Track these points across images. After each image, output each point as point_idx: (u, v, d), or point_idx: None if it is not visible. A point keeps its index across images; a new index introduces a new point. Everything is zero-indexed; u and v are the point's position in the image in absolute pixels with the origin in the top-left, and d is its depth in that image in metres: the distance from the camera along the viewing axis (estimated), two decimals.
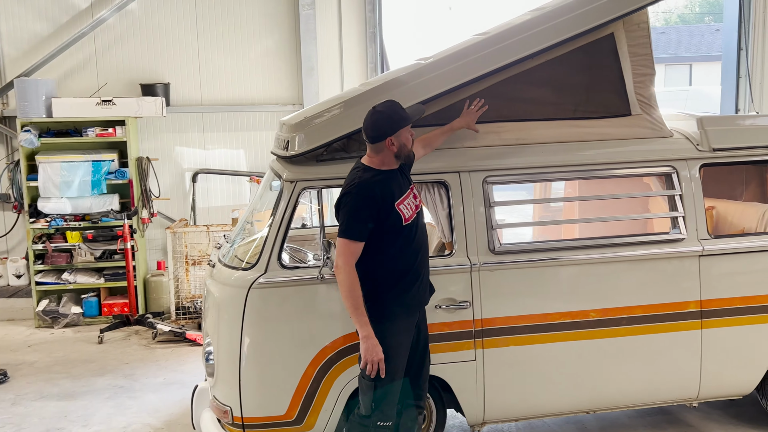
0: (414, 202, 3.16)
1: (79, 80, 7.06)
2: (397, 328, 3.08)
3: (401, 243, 3.07)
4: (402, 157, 3.10)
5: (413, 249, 3.12)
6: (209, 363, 3.52)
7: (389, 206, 3.02)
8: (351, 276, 2.96)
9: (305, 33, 7.13)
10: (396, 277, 3.08)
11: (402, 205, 3.06)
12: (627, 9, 3.55)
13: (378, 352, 2.95)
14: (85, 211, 6.69)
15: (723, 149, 3.75)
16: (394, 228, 3.04)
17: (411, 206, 3.12)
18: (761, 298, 3.68)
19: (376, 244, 3.03)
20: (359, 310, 2.96)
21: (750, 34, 7.93)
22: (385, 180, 3.06)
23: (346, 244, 2.97)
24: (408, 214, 3.08)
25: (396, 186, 3.08)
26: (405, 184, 3.16)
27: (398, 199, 3.06)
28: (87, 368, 5.44)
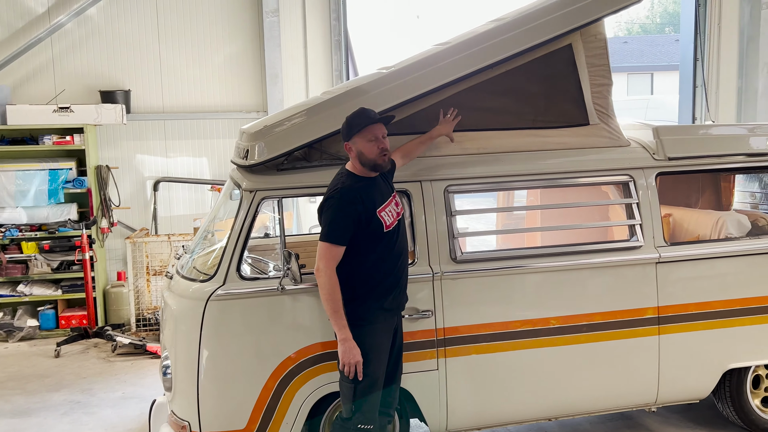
0: (395, 209, 3.18)
1: (36, 87, 6.89)
2: (376, 330, 3.11)
3: (382, 249, 3.10)
4: (369, 165, 3.08)
5: (394, 255, 3.15)
6: (167, 377, 3.44)
7: (370, 213, 3.04)
8: (331, 279, 2.98)
9: (269, 40, 7.08)
10: (376, 281, 3.11)
11: (383, 212, 3.09)
12: (584, 20, 3.61)
13: (356, 354, 2.99)
14: (41, 221, 6.52)
15: (678, 158, 3.82)
16: (375, 234, 3.06)
17: (392, 213, 3.14)
18: (716, 304, 3.76)
19: (357, 249, 3.05)
20: (338, 314, 2.99)
21: (705, 45, 8.17)
22: (367, 187, 3.08)
23: (327, 247, 3.00)
24: (389, 221, 3.11)
25: (378, 193, 3.11)
26: (387, 191, 3.19)
27: (380, 206, 3.09)
28: (42, 383, 5.27)
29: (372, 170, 3.11)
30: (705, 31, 8.17)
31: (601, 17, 3.67)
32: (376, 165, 3.09)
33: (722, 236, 4.10)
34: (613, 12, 3.67)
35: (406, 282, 3.26)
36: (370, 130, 3.07)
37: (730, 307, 3.77)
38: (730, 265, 3.80)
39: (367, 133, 3.06)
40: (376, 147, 3.07)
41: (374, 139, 3.07)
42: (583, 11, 3.60)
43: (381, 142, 3.09)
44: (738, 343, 3.81)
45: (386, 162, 3.12)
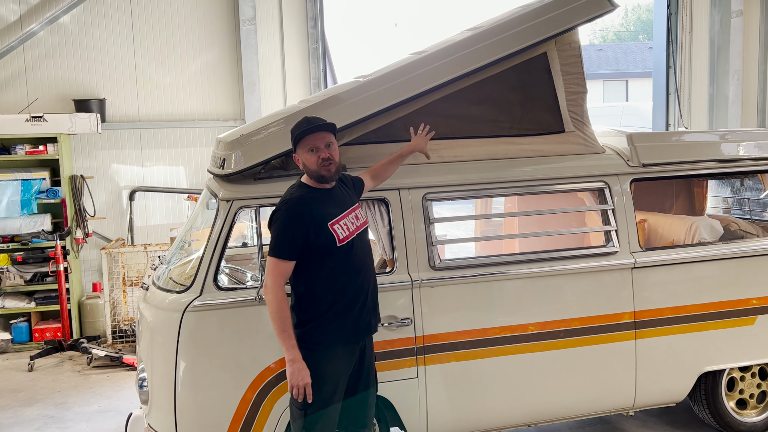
0: (355, 222, 3.02)
1: (8, 96, 6.78)
2: (331, 355, 2.95)
3: (335, 264, 2.93)
4: (314, 177, 2.94)
5: (351, 271, 2.97)
6: (143, 390, 3.39)
7: (320, 225, 2.89)
8: (278, 296, 2.84)
9: (246, 48, 7.06)
10: (330, 301, 2.93)
11: (337, 225, 2.93)
12: (558, 29, 3.66)
13: (304, 376, 2.84)
14: (14, 232, 6.40)
15: (652, 164, 3.88)
16: (326, 248, 2.90)
17: (349, 226, 2.98)
18: (691, 308, 3.81)
19: (309, 264, 2.91)
20: (286, 333, 2.84)
21: (677, 54, 8.33)
22: (319, 198, 2.95)
23: (274, 263, 2.86)
24: (343, 234, 2.94)
25: (332, 205, 2.97)
26: (346, 202, 3.04)
27: (333, 218, 2.93)
28: (15, 398, 5.16)
29: (318, 182, 2.96)
30: (677, 40, 8.33)
31: (575, 26, 3.72)
32: (320, 176, 2.93)
33: (696, 241, 4.17)
34: (587, 21, 3.71)
35: (372, 301, 3.06)
36: (308, 140, 2.93)
37: (704, 311, 3.82)
38: (704, 270, 3.86)
39: (306, 144, 2.93)
40: (317, 157, 2.92)
41: (314, 149, 2.92)
42: (557, 20, 3.65)
43: (322, 151, 2.92)
44: (713, 347, 3.87)
45: (332, 173, 2.94)
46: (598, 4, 3.69)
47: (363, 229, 3.08)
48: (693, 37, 8.35)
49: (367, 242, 3.11)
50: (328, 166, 2.92)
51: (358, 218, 3.06)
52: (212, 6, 7.14)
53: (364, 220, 3.11)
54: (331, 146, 2.96)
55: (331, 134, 2.98)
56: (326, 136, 2.95)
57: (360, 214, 3.09)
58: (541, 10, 3.66)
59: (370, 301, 3.05)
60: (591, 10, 3.69)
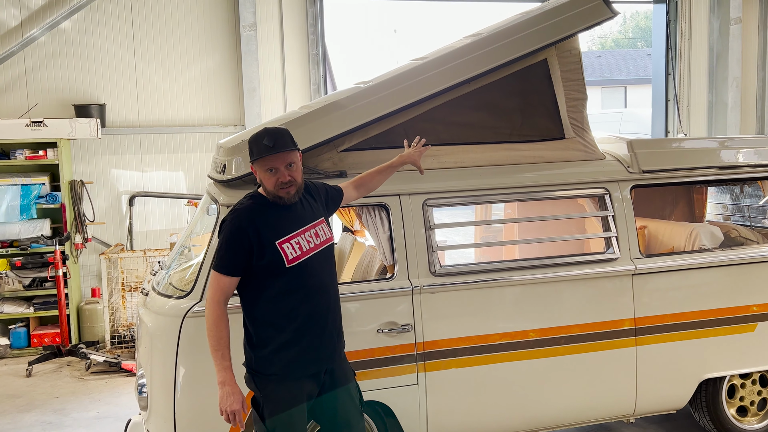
0: (313, 239, 2.75)
1: (8, 101, 6.78)
2: (286, 384, 2.71)
3: (283, 286, 2.67)
4: (270, 196, 2.70)
5: (303, 294, 2.70)
6: (142, 395, 3.37)
7: (266, 243, 2.64)
8: (215, 312, 2.62)
9: (246, 54, 7.07)
10: (280, 327, 2.69)
11: (287, 244, 2.67)
12: (558, 36, 3.67)
13: (233, 402, 2.61)
14: (13, 237, 6.38)
15: (652, 171, 3.88)
16: (273, 268, 2.65)
17: (303, 245, 2.71)
18: (691, 315, 3.81)
19: (255, 284, 2.69)
20: (219, 352, 2.61)
21: (676, 60, 8.35)
22: (270, 212, 2.70)
23: (214, 276, 2.66)
24: (293, 253, 2.67)
25: (286, 220, 2.72)
26: (304, 218, 2.78)
27: (285, 235, 2.68)
28: (13, 404, 5.14)
29: (276, 202, 2.73)
30: (676, 47, 8.36)
31: (576, 33, 3.73)
32: (277, 197, 2.69)
33: (696, 248, 4.16)
34: (587, 28, 3.73)
35: (332, 326, 2.80)
36: (267, 161, 2.67)
37: (705, 317, 3.82)
38: (705, 276, 3.85)
39: (265, 163, 2.67)
40: (275, 179, 2.68)
41: (273, 169, 2.67)
42: (558, 27, 3.66)
43: (281, 174, 2.67)
44: (713, 354, 3.86)
45: (291, 195, 2.70)
46: (598, 11, 3.71)
47: (324, 247, 2.80)
48: (692, 44, 8.38)
49: (330, 261, 2.86)
50: (287, 188, 2.69)
51: (317, 235, 2.79)
52: (213, 12, 7.16)
53: (327, 237, 2.83)
54: (293, 166, 2.71)
55: (295, 152, 2.73)
56: (288, 156, 2.69)
57: (322, 230, 2.83)
58: (541, 17, 3.67)
59: (330, 325, 2.79)
60: (591, 17, 3.71)
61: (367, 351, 3.39)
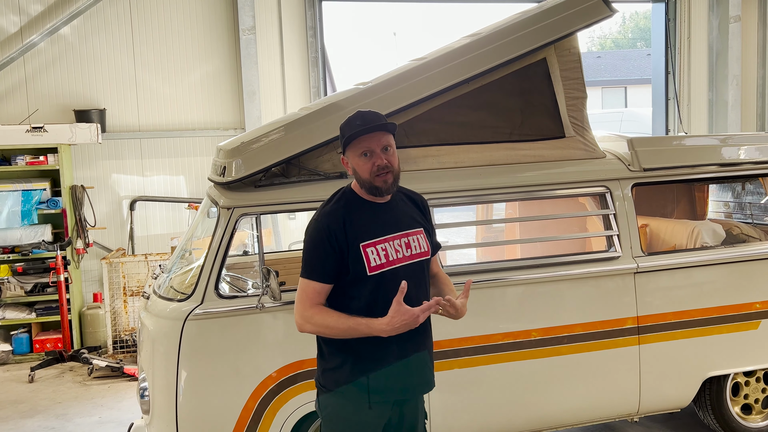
0: (402, 250, 2.41)
1: (8, 107, 6.79)
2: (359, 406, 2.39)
3: (364, 297, 2.36)
4: (365, 187, 2.39)
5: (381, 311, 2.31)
6: (144, 399, 3.37)
7: (351, 244, 2.34)
8: (317, 322, 2.31)
9: (246, 57, 7.07)
10: (358, 346, 2.35)
11: (372, 248, 2.36)
12: (557, 35, 3.66)
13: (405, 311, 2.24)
14: (14, 243, 6.38)
15: (653, 169, 3.87)
16: (355, 274, 2.35)
17: (390, 253, 2.38)
18: (694, 312, 3.80)
19: (340, 292, 2.39)
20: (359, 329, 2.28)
21: (676, 59, 8.35)
22: (362, 210, 2.41)
23: (302, 284, 2.36)
24: (377, 261, 2.35)
25: (377, 221, 2.41)
26: (399, 223, 2.45)
27: (370, 238, 2.37)
28: (15, 409, 5.13)
29: (372, 194, 2.40)
30: (675, 46, 8.36)
31: (575, 31, 3.72)
32: (374, 188, 2.37)
33: (698, 245, 4.15)
34: (586, 26, 3.72)
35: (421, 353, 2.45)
36: (362, 142, 2.35)
37: (707, 315, 3.81)
38: (707, 274, 3.84)
39: (359, 146, 2.36)
40: (371, 164, 2.35)
41: (368, 152, 2.36)
42: (557, 26, 3.65)
43: (378, 157, 2.35)
44: (717, 352, 3.85)
45: (389, 184, 2.38)
46: (596, 9, 3.70)
47: (415, 260, 2.45)
48: (691, 43, 8.37)
49: (422, 278, 2.50)
50: (384, 176, 2.36)
51: (409, 246, 2.44)
52: (212, 16, 7.17)
53: (422, 250, 2.48)
54: (389, 150, 2.38)
55: (391, 135, 2.40)
56: (384, 137, 2.37)
57: (417, 242, 2.47)
58: (540, 15, 3.67)
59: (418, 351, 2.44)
60: (590, 15, 3.70)
61: None
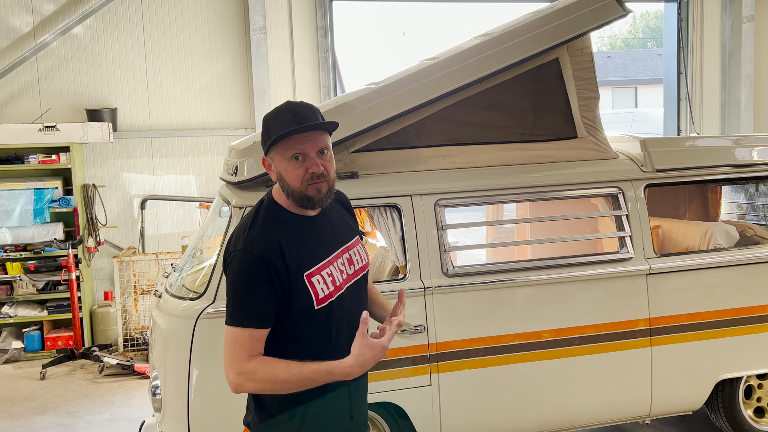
0: (347, 268, 1.99)
1: (21, 106, 6.83)
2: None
3: (315, 336, 1.91)
4: (295, 198, 1.90)
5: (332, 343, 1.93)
6: (156, 397, 3.38)
7: (292, 276, 1.85)
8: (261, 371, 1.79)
9: (256, 57, 7.09)
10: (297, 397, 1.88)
11: (318, 276, 1.90)
12: (570, 35, 3.64)
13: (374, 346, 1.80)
14: (26, 241, 6.43)
15: (666, 170, 3.85)
16: (299, 312, 1.88)
17: (336, 277, 1.95)
18: (707, 314, 3.77)
19: (280, 335, 1.89)
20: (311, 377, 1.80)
21: (688, 59, 8.29)
22: (296, 230, 1.91)
23: (233, 334, 1.81)
24: (325, 290, 1.90)
25: (313, 240, 1.93)
26: (338, 235, 2.02)
27: (314, 264, 1.90)
28: (27, 406, 5.17)
29: (301, 206, 1.92)
30: (688, 46, 8.30)
31: (587, 31, 3.70)
32: (304, 198, 1.90)
33: (711, 247, 4.12)
34: (599, 26, 3.70)
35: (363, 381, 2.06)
36: (292, 143, 1.86)
37: (720, 317, 3.78)
38: (720, 276, 3.82)
39: (289, 148, 1.87)
40: (303, 170, 1.88)
41: (300, 156, 1.87)
42: (569, 25, 3.64)
43: (311, 162, 1.88)
44: (729, 354, 3.82)
45: (322, 194, 1.91)
46: (610, 9, 3.68)
47: (359, 277, 2.04)
48: (704, 43, 8.31)
49: (363, 293, 2.09)
50: (318, 184, 1.89)
51: (351, 262, 2.02)
52: (223, 16, 7.19)
53: (364, 263, 2.07)
54: (326, 153, 1.92)
55: (328, 135, 1.93)
56: (321, 138, 1.90)
57: (358, 254, 2.06)
58: (553, 15, 3.65)
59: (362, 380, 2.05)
60: (603, 15, 3.68)
61: None
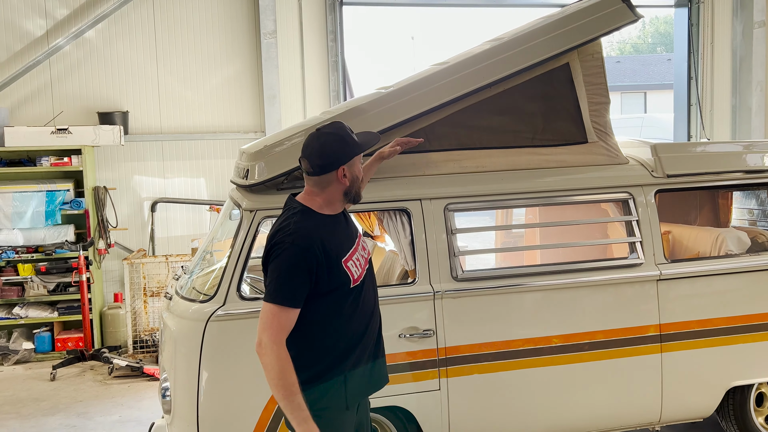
0: (363, 255, 2.54)
1: (34, 108, 6.90)
2: (339, 419, 2.43)
3: (347, 310, 2.41)
4: (352, 195, 2.48)
5: (363, 316, 2.47)
6: (166, 399, 3.40)
7: (334, 263, 2.36)
8: (281, 356, 2.23)
9: (267, 61, 7.13)
10: (340, 355, 2.40)
11: (351, 262, 2.43)
12: (581, 40, 3.65)
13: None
14: (38, 243, 6.48)
15: (677, 175, 3.84)
16: (338, 292, 2.38)
17: (360, 262, 2.49)
18: (718, 321, 3.75)
19: (316, 310, 2.36)
20: (294, 402, 2.22)
21: (699, 64, 8.26)
22: (330, 227, 2.43)
23: (274, 312, 2.25)
24: (357, 272, 2.44)
25: (344, 236, 2.47)
26: (353, 232, 2.56)
27: (346, 253, 2.43)
28: (37, 407, 5.20)
29: (352, 201, 2.52)
30: (698, 51, 8.27)
31: (598, 36, 3.70)
32: (358, 195, 2.52)
33: (722, 253, 4.10)
34: (610, 31, 3.71)
35: (381, 350, 2.58)
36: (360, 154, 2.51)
37: (732, 324, 3.76)
38: (732, 282, 3.79)
39: (358, 157, 2.49)
40: (361, 171, 2.54)
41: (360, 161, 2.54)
42: (581, 30, 3.64)
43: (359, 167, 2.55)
44: (741, 361, 3.79)
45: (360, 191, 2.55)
46: (621, 14, 3.68)
47: (370, 263, 2.64)
48: (715, 48, 8.28)
49: (374, 277, 2.66)
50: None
51: (365, 249, 2.58)
52: (234, 20, 7.23)
53: (368, 251, 2.64)
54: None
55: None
56: None
57: (366, 244, 2.65)
58: (563, 20, 3.66)
59: (381, 346, 2.61)
60: (614, 20, 3.68)
61: (389, 356, 3.33)
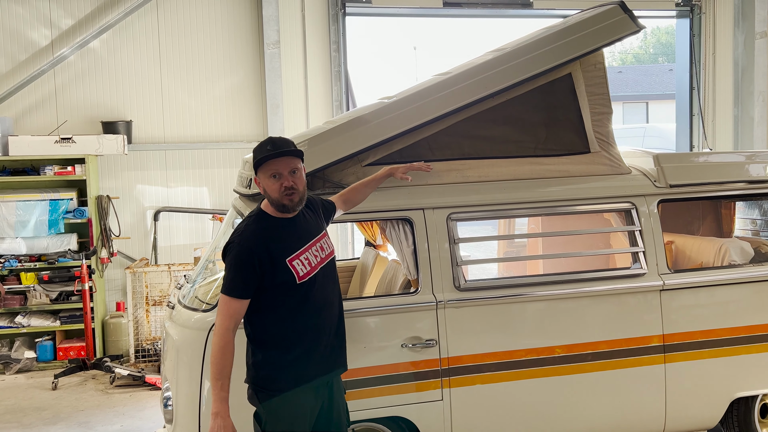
0: (319, 254, 2.80)
1: (38, 118, 6.93)
2: (293, 400, 2.74)
3: (294, 304, 2.72)
4: (275, 205, 2.72)
5: (312, 310, 2.76)
6: (168, 408, 3.39)
7: (277, 262, 2.68)
8: (224, 339, 2.62)
9: (270, 71, 7.16)
10: (289, 343, 2.73)
11: (297, 261, 2.71)
12: (583, 50, 3.66)
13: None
14: (41, 252, 6.49)
15: (679, 185, 3.84)
16: (284, 287, 2.69)
17: (311, 260, 2.76)
18: (721, 332, 3.73)
19: (265, 303, 2.71)
20: (219, 382, 2.61)
21: (701, 75, 8.28)
22: (277, 229, 2.73)
23: (224, 302, 2.65)
24: (304, 270, 2.72)
25: (291, 236, 2.75)
26: (309, 232, 2.82)
27: (293, 252, 2.71)
28: (39, 416, 5.19)
29: (280, 211, 2.74)
30: (700, 61, 8.29)
31: (601, 47, 3.72)
32: (282, 206, 2.71)
33: (725, 263, 4.09)
34: (612, 42, 3.72)
35: (337, 338, 2.86)
36: (271, 165, 2.68)
37: (735, 334, 3.74)
38: (735, 293, 3.78)
39: (269, 168, 2.69)
40: (279, 184, 2.68)
41: (276, 175, 2.68)
42: (583, 41, 3.66)
43: (285, 179, 2.68)
44: (745, 372, 3.77)
45: (294, 202, 2.71)
46: (623, 25, 3.70)
47: (329, 260, 2.86)
48: (716, 59, 8.31)
49: (334, 274, 2.91)
50: (290, 195, 2.70)
51: (323, 249, 2.84)
52: (237, 30, 7.28)
53: (330, 250, 2.89)
54: (296, 173, 2.73)
55: (298, 159, 2.76)
56: (291, 162, 2.72)
57: (326, 244, 2.88)
58: (566, 31, 3.67)
59: (334, 338, 2.85)
60: (616, 31, 3.70)
61: (391, 366, 3.38)
